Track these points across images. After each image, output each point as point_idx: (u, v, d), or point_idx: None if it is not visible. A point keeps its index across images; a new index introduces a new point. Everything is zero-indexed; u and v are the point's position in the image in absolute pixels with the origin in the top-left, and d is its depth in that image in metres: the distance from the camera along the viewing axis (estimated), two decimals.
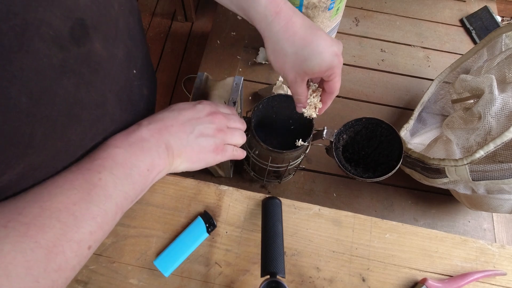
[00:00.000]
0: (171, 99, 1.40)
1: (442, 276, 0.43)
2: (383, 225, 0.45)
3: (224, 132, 0.38)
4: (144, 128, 0.33)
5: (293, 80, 0.37)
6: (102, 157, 0.29)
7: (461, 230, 0.65)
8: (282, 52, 0.36)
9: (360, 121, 0.45)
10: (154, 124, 0.34)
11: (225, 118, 0.39)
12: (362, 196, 0.67)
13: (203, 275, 0.42)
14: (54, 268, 0.24)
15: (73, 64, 0.24)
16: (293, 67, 0.36)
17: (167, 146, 0.34)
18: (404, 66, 0.79)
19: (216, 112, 0.38)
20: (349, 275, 0.43)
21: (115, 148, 0.30)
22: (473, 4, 0.87)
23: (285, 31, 0.35)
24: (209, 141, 0.36)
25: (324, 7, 0.59)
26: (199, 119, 0.36)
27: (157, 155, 0.32)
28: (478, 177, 0.47)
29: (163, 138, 0.33)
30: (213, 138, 0.37)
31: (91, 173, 0.28)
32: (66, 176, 0.27)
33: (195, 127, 0.36)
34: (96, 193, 0.27)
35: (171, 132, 0.34)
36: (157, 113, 0.37)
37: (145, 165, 0.31)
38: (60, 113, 0.24)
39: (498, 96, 0.48)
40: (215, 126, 0.37)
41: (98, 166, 0.28)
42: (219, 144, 0.37)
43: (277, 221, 0.41)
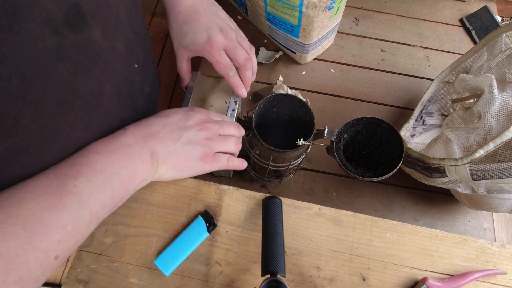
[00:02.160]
0: (171, 99, 1.40)
1: (443, 275, 0.43)
2: (384, 224, 0.45)
3: (214, 140, 0.37)
4: (129, 133, 0.32)
5: (176, 51, 0.45)
6: (80, 163, 0.28)
7: (461, 230, 0.65)
8: (169, 24, 0.44)
9: (360, 121, 0.45)
10: (140, 130, 0.33)
11: (216, 125, 0.38)
12: (362, 195, 0.67)
13: (203, 275, 0.42)
14: (15, 280, 0.22)
15: (70, 51, 0.24)
16: (175, 39, 0.44)
17: (152, 153, 0.33)
18: (404, 66, 0.80)
19: (206, 119, 0.37)
20: (349, 275, 0.43)
21: (95, 155, 0.29)
22: (473, 4, 0.87)
23: (173, 8, 0.42)
24: (197, 149, 0.35)
25: (324, 7, 0.59)
26: (188, 126, 0.36)
27: (140, 162, 0.31)
28: (478, 176, 0.47)
29: (148, 145, 0.32)
30: (202, 146, 0.36)
31: (67, 179, 0.26)
32: (40, 180, 0.26)
33: (183, 134, 0.35)
34: (69, 200, 0.26)
35: (156, 138, 0.33)
36: (144, 119, 0.36)
37: (126, 172, 0.30)
38: (51, 99, 0.24)
39: (498, 96, 0.48)
40: (205, 133, 0.36)
41: (75, 172, 0.27)
42: (208, 153, 0.36)
43: (278, 221, 0.41)
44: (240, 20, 0.83)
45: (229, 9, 0.83)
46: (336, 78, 0.78)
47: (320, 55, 0.79)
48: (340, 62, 0.79)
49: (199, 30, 0.42)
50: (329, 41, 0.78)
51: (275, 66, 0.78)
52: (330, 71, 0.78)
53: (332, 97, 0.76)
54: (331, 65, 0.79)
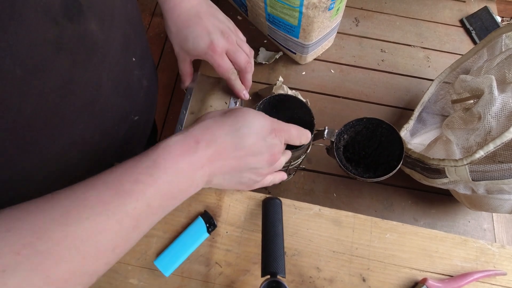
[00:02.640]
0: (171, 99, 1.40)
1: (442, 276, 0.43)
2: (383, 225, 0.45)
3: (272, 173, 0.36)
4: (201, 151, 0.29)
5: (177, 54, 0.44)
6: (145, 181, 0.26)
7: (461, 230, 0.65)
8: (168, 27, 0.42)
9: (360, 121, 0.45)
10: (212, 149, 0.29)
11: (279, 163, 0.35)
12: (362, 196, 0.67)
13: (203, 275, 0.42)
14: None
15: (69, 42, 0.24)
16: (176, 43, 0.43)
17: (210, 177, 0.30)
18: (404, 66, 0.80)
19: (279, 151, 0.34)
20: (349, 275, 0.43)
21: (163, 174, 0.27)
22: (473, 4, 0.87)
23: (171, 11, 0.41)
24: (251, 181, 0.34)
25: (324, 7, 0.59)
26: (259, 161, 0.32)
27: (195, 188, 0.30)
28: (478, 177, 0.47)
29: (210, 170, 0.30)
30: (257, 178, 0.34)
31: (128, 198, 0.24)
32: (100, 194, 0.24)
33: (249, 168, 0.32)
34: (127, 223, 0.24)
35: (221, 166, 0.30)
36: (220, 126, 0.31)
37: (182, 199, 0.29)
38: (52, 90, 0.23)
39: (498, 97, 0.48)
40: (269, 170, 0.34)
41: (138, 192, 0.25)
42: (258, 182, 0.35)
43: (278, 221, 0.41)
44: (240, 20, 0.83)
45: (229, 10, 0.83)
46: (336, 79, 0.78)
47: (320, 56, 0.79)
48: (340, 63, 0.79)
49: (201, 34, 0.41)
50: (329, 42, 0.78)
51: (275, 67, 0.78)
52: (330, 72, 0.78)
53: (332, 97, 0.76)
54: (331, 65, 0.79)
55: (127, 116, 0.35)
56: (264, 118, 0.33)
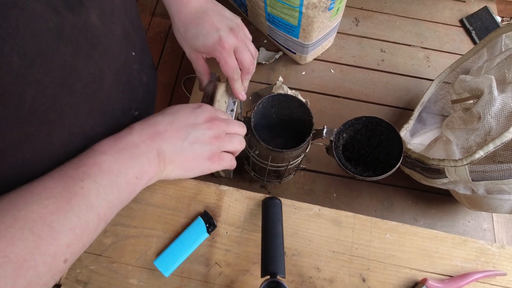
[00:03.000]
0: (171, 99, 1.40)
1: (442, 276, 0.43)
2: (383, 225, 0.45)
3: (222, 139, 0.36)
4: (135, 132, 0.32)
5: (189, 55, 0.45)
6: (87, 164, 0.27)
7: (461, 230, 0.65)
8: (176, 28, 0.43)
9: (360, 120, 0.45)
10: (147, 129, 0.32)
11: (224, 124, 0.37)
12: (362, 196, 0.67)
13: (203, 275, 0.42)
14: (24, 285, 0.22)
15: (70, 32, 0.24)
16: (186, 43, 0.44)
17: (159, 152, 0.32)
18: (404, 66, 0.80)
19: (214, 117, 0.36)
20: (349, 275, 0.43)
21: (102, 155, 0.29)
22: (473, 4, 0.87)
23: (178, 12, 0.42)
24: (205, 148, 0.35)
25: (324, 7, 0.59)
26: (196, 125, 0.35)
27: (147, 162, 0.31)
28: (478, 177, 0.47)
29: (155, 144, 0.32)
30: (210, 145, 0.35)
31: (73, 181, 0.26)
32: (46, 183, 0.25)
33: (190, 132, 0.34)
34: (77, 202, 0.25)
35: (164, 137, 0.32)
36: (151, 116, 0.35)
37: (133, 173, 0.30)
38: (52, 80, 0.23)
39: (498, 97, 0.48)
40: (213, 132, 0.35)
41: (82, 173, 0.26)
42: (216, 152, 0.36)
43: (277, 221, 0.41)
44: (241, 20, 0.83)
45: (228, 9, 0.83)
46: (336, 79, 0.78)
47: (320, 56, 0.79)
48: (340, 63, 0.79)
49: (210, 31, 0.41)
50: (329, 42, 0.78)
51: (275, 67, 0.78)
52: (330, 72, 0.78)
53: (332, 97, 0.76)
54: (331, 65, 0.79)
55: (128, 111, 0.36)
56: (190, 103, 0.37)
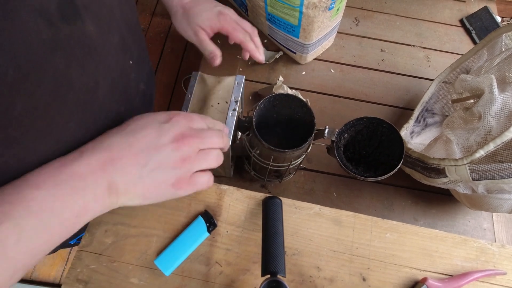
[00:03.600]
0: (171, 99, 1.40)
1: (443, 275, 0.43)
2: (384, 224, 0.45)
3: (192, 160, 0.30)
4: (84, 160, 0.27)
5: (195, 34, 0.49)
6: (12, 201, 0.23)
7: (461, 230, 0.65)
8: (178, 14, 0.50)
9: (361, 121, 0.45)
10: (99, 154, 0.27)
11: (196, 140, 0.31)
12: (362, 195, 0.67)
13: (203, 275, 0.42)
14: None
15: (64, 43, 0.24)
16: (189, 25, 0.49)
17: (110, 184, 0.27)
18: (404, 66, 0.80)
19: (184, 134, 0.30)
20: (349, 275, 0.43)
21: (35, 190, 0.24)
22: (473, 4, 0.87)
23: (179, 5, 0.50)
24: (169, 173, 0.29)
25: (325, 7, 0.59)
26: (160, 146, 0.29)
27: (93, 198, 0.26)
28: (478, 176, 0.47)
29: (105, 175, 0.27)
30: (175, 169, 0.29)
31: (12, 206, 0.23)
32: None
33: (152, 157, 0.28)
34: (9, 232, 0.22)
35: (117, 166, 0.27)
36: (108, 134, 0.29)
37: (72, 212, 0.25)
38: (45, 91, 0.23)
39: (498, 96, 0.48)
40: (180, 154, 0.29)
41: (3, 214, 0.22)
42: (183, 176, 0.30)
43: (278, 221, 0.41)
44: None
45: None
46: (336, 78, 0.78)
47: (320, 55, 0.79)
48: (340, 62, 0.79)
49: (210, 7, 0.49)
50: (329, 41, 0.78)
51: (275, 66, 0.78)
52: (330, 71, 0.78)
53: (332, 97, 0.76)
54: (331, 65, 0.79)
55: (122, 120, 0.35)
56: (156, 112, 0.32)
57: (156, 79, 1.42)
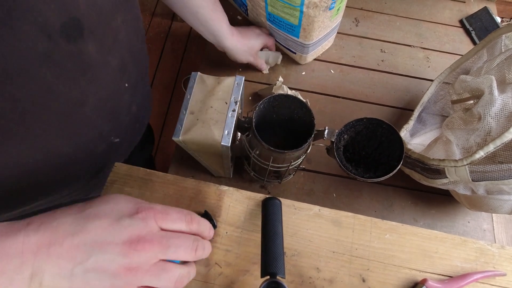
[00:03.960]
0: (170, 98, 1.40)
1: (442, 276, 0.43)
2: (383, 225, 0.45)
3: (140, 273, 0.24)
4: (21, 235, 0.22)
5: (252, 57, 0.69)
6: None
7: (460, 231, 0.65)
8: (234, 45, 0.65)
9: (361, 121, 0.45)
10: (42, 233, 0.23)
11: (157, 247, 0.25)
12: (362, 196, 0.67)
13: (203, 276, 0.42)
14: None
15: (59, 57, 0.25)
16: (246, 52, 0.67)
17: (34, 273, 0.23)
18: (404, 67, 0.80)
19: (142, 238, 0.24)
20: (349, 276, 0.43)
21: None
22: (472, 5, 0.87)
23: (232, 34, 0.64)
24: (104, 281, 0.23)
25: (325, 7, 0.59)
26: (106, 246, 0.24)
27: (8, 284, 0.22)
28: (478, 177, 0.47)
29: (34, 261, 0.22)
30: (114, 278, 0.23)
31: None
32: None
33: (92, 255, 0.23)
34: None
35: (52, 254, 0.23)
36: (64, 212, 0.25)
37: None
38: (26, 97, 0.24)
39: (498, 97, 0.48)
40: (127, 261, 0.24)
41: None
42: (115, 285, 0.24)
43: (277, 222, 0.41)
44: (240, 20, 0.83)
45: (229, 9, 0.83)
46: (336, 79, 0.78)
47: (320, 56, 0.79)
48: (340, 63, 0.79)
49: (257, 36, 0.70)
50: (329, 42, 0.78)
51: (275, 67, 0.78)
52: (330, 72, 0.78)
53: (332, 97, 0.76)
54: (331, 65, 0.79)
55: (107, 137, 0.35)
56: (127, 199, 0.26)
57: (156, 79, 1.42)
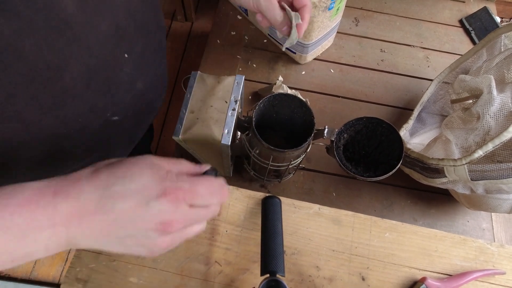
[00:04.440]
0: (170, 98, 1.40)
1: (442, 275, 0.43)
2: (383, 224, 0.46)
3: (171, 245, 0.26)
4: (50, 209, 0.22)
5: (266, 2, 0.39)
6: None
7: (460, 230, 0.65)
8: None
9: (360, 121, 0.45)
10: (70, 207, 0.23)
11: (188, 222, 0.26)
12: (362, 195, 0.67)
13: (203, 274, 0.42)
14: None
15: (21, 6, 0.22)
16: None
17: (69, 242, 0.23)
18: (404, 66, 0.80)
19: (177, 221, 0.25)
20: (348, 274, 0.43)
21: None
22: (472, 5, 0.87)
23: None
24: (139, 248, 0.25)
25: (324, 7, 0.60)
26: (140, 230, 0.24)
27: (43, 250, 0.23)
28: (477, 177, 0.47)
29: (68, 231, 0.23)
30: (147, 247, 0.25)
31: None
32: None
33: (127, 236, 0.24)
34: None
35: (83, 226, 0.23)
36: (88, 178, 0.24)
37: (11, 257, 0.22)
38: None
39: (497, 96, 0.48)
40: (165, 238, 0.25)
41: None
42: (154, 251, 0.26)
43: (277, 220, 0.41)
44: (240, 20, 0.83)
45: (229, 9, 0.83)
46: (335, 78, 0.78)
47: (320, 55, 0.79)
48: (340, 62, 0.80)
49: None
50: (329, 41, 0.78)
51: (275, 66, 0.78)
52: (329, 71, 0.78)
53: (331, 97, 0.76)
54: (331, 65, 0.79)
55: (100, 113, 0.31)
56: (154, 174, 0.25)
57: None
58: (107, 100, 0.33)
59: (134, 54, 0.35)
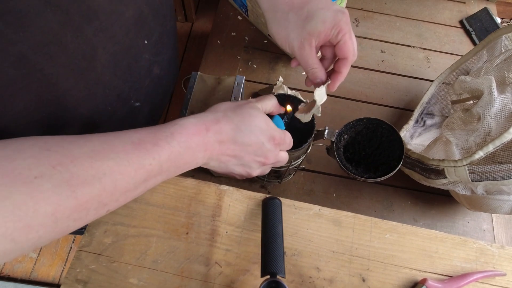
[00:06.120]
0: (170, 98, 1.40)
1: (442, 276, 0.43)
2: (383, 225, 0.45)
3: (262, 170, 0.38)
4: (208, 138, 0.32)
5: (301, 47, 0.36)
6: (162, 145, 0.29)
7: (460, 231, 0.65)
8: (283, 17, 0.35)
9: (361, 121, 0.45)
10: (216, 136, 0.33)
11: (273, 160, 0.37)
12: (362, 196, 0.67)
13: (203, 275, 0.42)
14: (75, 218, 0.24)
15: (63, 1, 0.23)
16: (296, 31, 0.35)
17: (207, 162, 0.33)
18: (404, 67, 0.80)
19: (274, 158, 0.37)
20: (349, 275, 0.43)
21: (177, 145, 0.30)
22: (472, 5, 0.87)
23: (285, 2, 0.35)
24: (240, 174, 0.37)
25: None
26: (252, 160, 0.35)
27: (194, 164, 0.32)
28: (477, 178, 0.47)
29: (211, 151, 0.33)
30: (246, 174, 0.37)
31: (147, 156, 0.27)
32: (126, 145, 0.27)
33: (241, 164, 0.35)
34: (140, 174, 0.27)
35: (219, 155, 0.33)
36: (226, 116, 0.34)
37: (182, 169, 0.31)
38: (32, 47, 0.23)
39: (498, 97, 0.48)
40: (258, 170, 0.37)
41: (155, 152, 0.28)
42: (245, 176, 0.38)
43: (277, 221, 0.41)
44: (240, 20, 0.83)
45: (229, 10, 0.83)
46: None
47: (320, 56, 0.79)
48: None
49: (326, 6, 0.35)
50: None
51: (275, 67, 0.78)
52: None
53: (332, 97, 0.76)
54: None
55: (126, 99, 0.35)
56: (269, 125, 0.35)
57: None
58: (130, 87, 0.35)
59: (153, 40, 0.36)
